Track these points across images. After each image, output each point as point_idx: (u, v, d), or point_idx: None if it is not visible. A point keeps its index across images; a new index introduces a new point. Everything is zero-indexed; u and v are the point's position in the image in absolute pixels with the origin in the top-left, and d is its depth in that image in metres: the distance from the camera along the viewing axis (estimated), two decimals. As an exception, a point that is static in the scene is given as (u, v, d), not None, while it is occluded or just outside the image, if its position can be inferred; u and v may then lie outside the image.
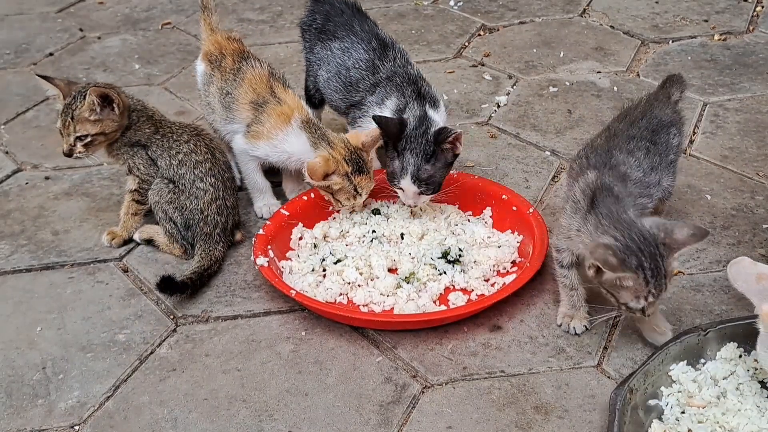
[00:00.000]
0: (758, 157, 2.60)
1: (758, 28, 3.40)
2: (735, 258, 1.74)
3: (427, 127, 2.21)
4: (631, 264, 1.69)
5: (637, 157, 1.96)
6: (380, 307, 2.08)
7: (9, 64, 3.42)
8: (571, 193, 1.90)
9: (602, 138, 2.04)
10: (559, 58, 3.24)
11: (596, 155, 1.95)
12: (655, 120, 2.07)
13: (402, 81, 2.33)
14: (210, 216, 2.25)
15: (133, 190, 2.31)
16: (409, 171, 2.20)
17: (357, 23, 2.45)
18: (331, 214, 2.38)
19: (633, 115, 2.09)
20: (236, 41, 2.46)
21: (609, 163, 1.91)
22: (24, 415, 1.86)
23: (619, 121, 2.09)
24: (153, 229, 2.33)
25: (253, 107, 2.31)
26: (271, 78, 2.35)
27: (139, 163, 2.28)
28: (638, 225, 1.73)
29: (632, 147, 1.98)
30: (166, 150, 2.27)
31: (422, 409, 1.83)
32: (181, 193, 2.24)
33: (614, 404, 1.69)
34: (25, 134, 2.93)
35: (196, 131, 2.33)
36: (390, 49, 2.40)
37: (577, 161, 2.02)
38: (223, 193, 2.27)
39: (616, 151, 1.95)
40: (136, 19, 3.77)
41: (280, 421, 1.82)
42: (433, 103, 2.32)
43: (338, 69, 2.43)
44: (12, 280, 2.27)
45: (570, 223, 1.86)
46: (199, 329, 2.08)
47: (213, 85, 2.41)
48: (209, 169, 2.26)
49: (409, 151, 2.20)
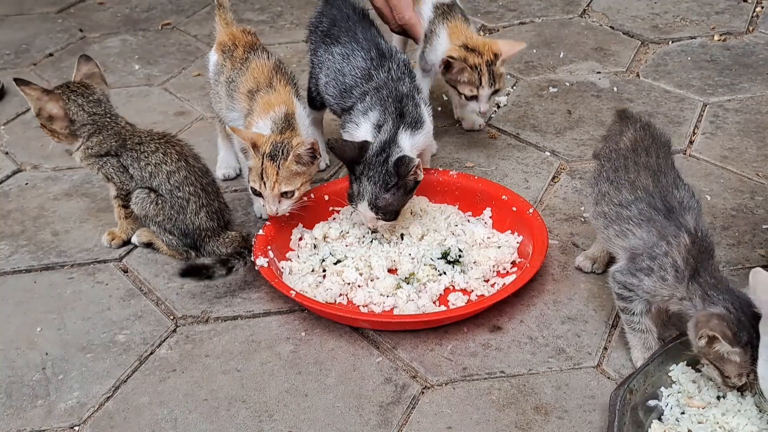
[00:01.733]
0: (758, 158, 2.60)
1: (758, 28, 3.40)
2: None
3: (388, 155, 2.16)
4: (742, 339, 1.61)
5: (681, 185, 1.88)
6: (380, 308, 2.08)
7: (9, 65, 3.42)
8: (652, 256, 1.77)
9: (641, 176, 1.89)
10: (558, 59, 3.24)
11: (657, 201, 1.82)
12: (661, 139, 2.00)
13: (388, 95, 2.27)
14: (203, 224, 2.24)
15: (115, 196, 2.31)
16: (366, 198, 2.16)
17: (360, 30, 2.44)
18: (330, 214, 2.38)
19: (641, 145, 1.97)
20: (250, 34, 2.46)
21: (677, 207, 1.81)
22: (24, 415, 1.86)
23: (636, 154, 1.95)
24: (151, 232, 2.32)
25: (250, 97, 2.30)
26: (274, 70, 2.34)
27: (111, 172, 2.26)
28: (743, 297, 1.65)
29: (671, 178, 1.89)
30: (136, 161, 2.23)
31: (422, 410, 1.83)
32: (165, 204, 2.22)
33: (614, 405, 1.69)
34: (25, 135, 2.93)
35: (165, 139, 2.27)
36: (388, 60, 2.36)
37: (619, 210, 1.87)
38: (206, 200, 2.25)
39: (674, 190, 1.85)
40: (136, 20, 3.77)
41: (280, 422, 1.82)
42: (415, 124, 2.25)
43: (336, 74, 2.42)
44: (12, 280, 2.27)
45: (660, 289, 1.76)
46: (198, 330, 2.08)
47: (223, 74, 2.40)
48: (185, 178, 2.22)
49: (367, 178, 2.16)
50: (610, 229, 1.89)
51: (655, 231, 1.78)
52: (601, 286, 2.11)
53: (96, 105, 2.24)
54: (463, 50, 2.48)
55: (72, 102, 2.21)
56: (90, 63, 2.32)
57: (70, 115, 2.21)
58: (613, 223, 1.87)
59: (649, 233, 1.79)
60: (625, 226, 1.84)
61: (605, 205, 1.91)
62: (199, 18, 3.75)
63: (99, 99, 2.25)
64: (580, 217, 2.38)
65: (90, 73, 2.30)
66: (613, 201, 1.89)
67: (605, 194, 1.92)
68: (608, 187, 1.92)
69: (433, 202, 2.41)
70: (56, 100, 2.19)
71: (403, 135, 2.21)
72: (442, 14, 2.59)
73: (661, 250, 1.75)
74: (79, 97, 2.22)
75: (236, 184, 2.55)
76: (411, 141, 2.23)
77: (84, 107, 2.22)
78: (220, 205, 2.30)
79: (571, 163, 2.62)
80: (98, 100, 2.25)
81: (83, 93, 2.23)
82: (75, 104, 2.21)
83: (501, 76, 2.51)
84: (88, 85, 2.27)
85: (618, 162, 1.95)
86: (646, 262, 1.77)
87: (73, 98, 2.21)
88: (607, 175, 1.95)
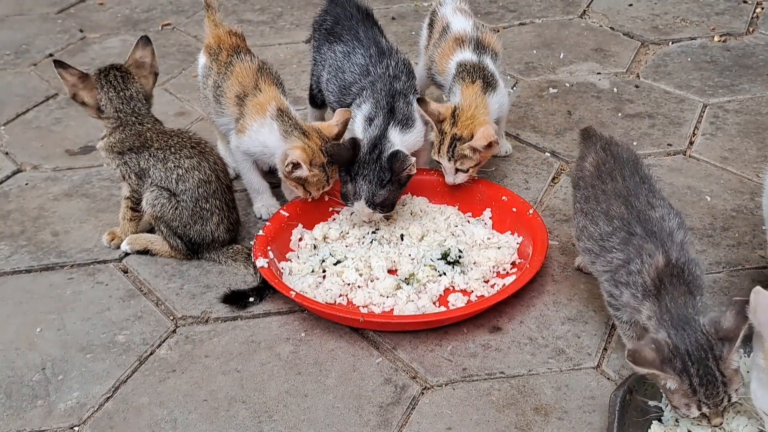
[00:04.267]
0: (758, 159, 2.60)
1: (758, 29, 3.40)
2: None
3: (381, 152, 2.20)
4: (675, 367, 1.57)
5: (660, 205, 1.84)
6: (380, 308, 2.08)
7: (9, 65, 3.42)
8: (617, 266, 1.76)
9: (613, 205, 1.84)
10: (558, 60, 3.24)
11: (635, 224, 1.78)
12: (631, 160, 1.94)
13: (381, 90, 2.30)
14: (221, 236, 2.26)
15: (127, 197, 2.30)
16: (363, 197, 2.19)
17: (362, 29, 2.45)
18: (330, 215, 2.38)
19: (607, 172, 1.92)
20: (236, 36, 2.44)
21: (654, 229, 1.76)
22: (23, 415, 1.86)
23: (603, 182, 1.90)
24: (146, 239, 2.31)
25: (238, 101, 2.31)
26: (258, 72, 2.33)
27: (128, 172, 2.24)
28: (698, 326, 1.60)
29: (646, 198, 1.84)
30: (161, 161, 2.21)
31: (422, 411, 1.83)
32: (185, 210, 2.22)
33: (614, 405, 1.68)
34: (25, 135, 2.93)
35: (199, 148, 2.25)
36: (386, 57, 2.38)
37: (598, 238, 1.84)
38: (227, 213, 2.27)
39: (648, 211, 1.81)
40: (137, 20, 3.77)
41: (280, 422, 1.82)
42: (405, 122, 2.29)
43: (336, 71, 2.43)
44: (12, 280, 2.27)
45: (633, 303, 1.74)
46: (198, 330, 2.08)
47: (210, 78, 2.41)
48: (214, 192, 2.23)
49: (362, 177, 2.19)
50: (597, 264, 1.85)
51: (633, 249, 1.76)
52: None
53: (125, 101, 2.22)
54: (448, 112, 2.30)
55: (104, 93, 2.20)
56: (146, 49, 2.27)
57: (100, 105, 2.21)
58: (598, 257, 1.84)
59: (626, 252, 1.77)
60: (609, 256, 1.80)
61: (587, 241, 1.88)
62: (199, 18, 3.74)
63: (131, 96, 2.22)
64: (580, 218, 2.38)
65: (141, 61, 2.26)
66: (594, 236, 1.85)
67: (584, 228, 1.89)
68: (584, 220, 1.89)
69: (432, 202, 2.41)
70: (90, 88, 2.20)
71: (392, 131, 2.24)
72: (463, 73, 2.40)
73: (635, 267, 1.74)
74: (111, 90, 2.20)
75: (236, 184, 2.55)
76: (401, 138, 2.26)
77: (113, 100, 2.21)
78: (237, 218, 2.33)
79: (571, 163, 2.62)
80: (130, 97, 2.22)
81: (118, 85, 2.21)
82: (106, 96, 2.20)
83: (463, 158, 2.29)
84: (130, 76, 2.23)
85: (587, 191, 1.92)
86: (624, 277, 1.76)
87: (106, 89, 2.20)
88: (581, 206, 1.93)
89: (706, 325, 1.60)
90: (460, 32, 2.50)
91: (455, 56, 2.46)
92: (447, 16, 2.57)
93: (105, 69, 2.23)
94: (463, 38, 2.48)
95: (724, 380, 1.57)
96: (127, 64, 2.25)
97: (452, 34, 2.51)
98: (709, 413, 1.60)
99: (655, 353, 1.58)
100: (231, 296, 2.13)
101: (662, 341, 1.60)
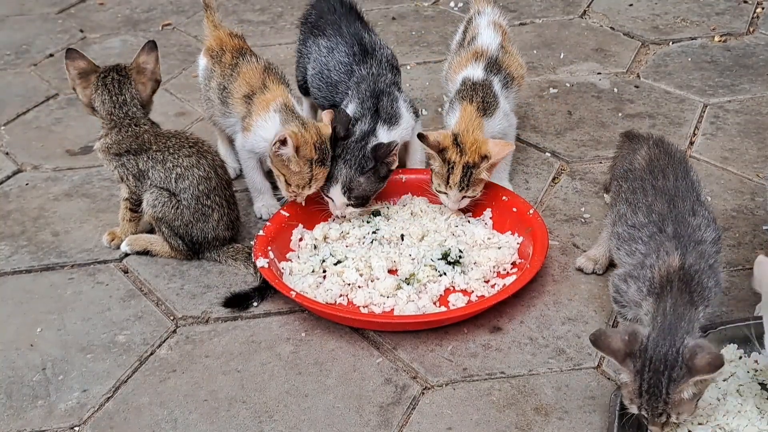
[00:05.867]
0: (758, 159, 2.60)
1: (758, 29, 3.39)
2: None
3: (366, 143, 2.24)
4: (634, 365, 1.60)
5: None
6: (380, 308, 2.08)
7: (9, 65, 3.42)
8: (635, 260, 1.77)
9: (658, 201, 1.85)
10: (559, 60, 3.24)
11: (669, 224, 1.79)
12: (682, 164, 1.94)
13: (366, 90, 2.32)
14: (220, 233, 2.26)
15: (125, 198, 2.30)
16: (340, 181, 2.20)
17: (345, 24, 2.46)
18: (331, 215, 2.38)
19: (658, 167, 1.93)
20: (238, 38, 2.46)
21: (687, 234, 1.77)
22: (24, 416, 1.86)
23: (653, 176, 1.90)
24: (146, 240, 2.31)
25: (246, 101, 2.32)
26: (265, 72, 2.34)
27: (126, 174, 2.24)
28: (677, 343, 1.60)
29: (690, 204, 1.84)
30: (160, 162, 2.21)
31: (422, 411, 1.83)
32: (186, 209, 2.22)
33: (614, 405, 1.69)
34: (26, 135, 2.93)
35: (197, 147, 2.25)
36: (370, 56, 2.39)
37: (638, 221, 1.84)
38: (227, 209, 2.27)
39: (688, 216, 1.81)
40: (137, 20, 3.77)
41: (280, 422, 1.82)
42: (391, 119, 2.31)
43: (321, 68, 2.45)
44: (12, 280, 2.27)
45: (638, 298, 1.75)
46: (198, 330, 2.08)
47: (213, 80, 2.41)
48: (214, 188, 2.23)
49: (343, 161, 2.21)
50: (621, 250, 1.87)
51: (653, 245, 1.78)
52: (601, 287, 2.11)
53: (118, 105, 2.22)
54: (449, 140, 2.19)
55: (98, 95, 2.21)
56: (151, 55, 2.26)
57: (93, 105, 2.22)
58: (624, 244, 1.86)
59: (648, 246, 1.79)
60: (634, 246, 1.82)
61: (620, 226, 1.89)
62: (199, 19, 3.73)
63: (125, 101, 2.22)
64: (580, 218, 2.38)
65: (143, 66, 2.26)
66: (628, 222, 1.87)
67: (623, 215, 1.90)
68: (626, 208, 1.91)
69: (432, 203, 2.41)
70: (85, 86, 2.21)
71: (381, 129, 2.29)
72: (464, 91, 2.32)
73: (649, 261, 1.75)
74: (105, 92, 2.21)
75: (236, 184, 2.55)
76: (388, 135, 2.29)
77: (105, 103, 2.21)
78: (237, 216, 2.32)
79: (571, 164, 2.62)
80: (123, 102, 2.22)
81: (113, 89, 2.21)
82: (99, 98, 2.21)
83: (478, 182, 2.21)
84: (127, 80, 2.23)
85: (635, 183, 1.93)
86: (637, 270, 1.78)
87: (100, 91, 2.21)
88: (626, 197, 1.94)
89: (687, 345, 1.59)
90: (482, 46, 2.41)
91: (465, 70, 2.38)
92: (479, 27, 2.48)
93: (106, 70, 2.23)
94: (482, 53, 2.39)
95: (667, 400, 1.58)
96: (130, 67, 2.25)
97: (475, 46, 2.43)
98: (647, 418, 1.63)
99: (622, 344, 1.60)
100: (232, 299, 2.12)
101: (640, 338, 1.62)
